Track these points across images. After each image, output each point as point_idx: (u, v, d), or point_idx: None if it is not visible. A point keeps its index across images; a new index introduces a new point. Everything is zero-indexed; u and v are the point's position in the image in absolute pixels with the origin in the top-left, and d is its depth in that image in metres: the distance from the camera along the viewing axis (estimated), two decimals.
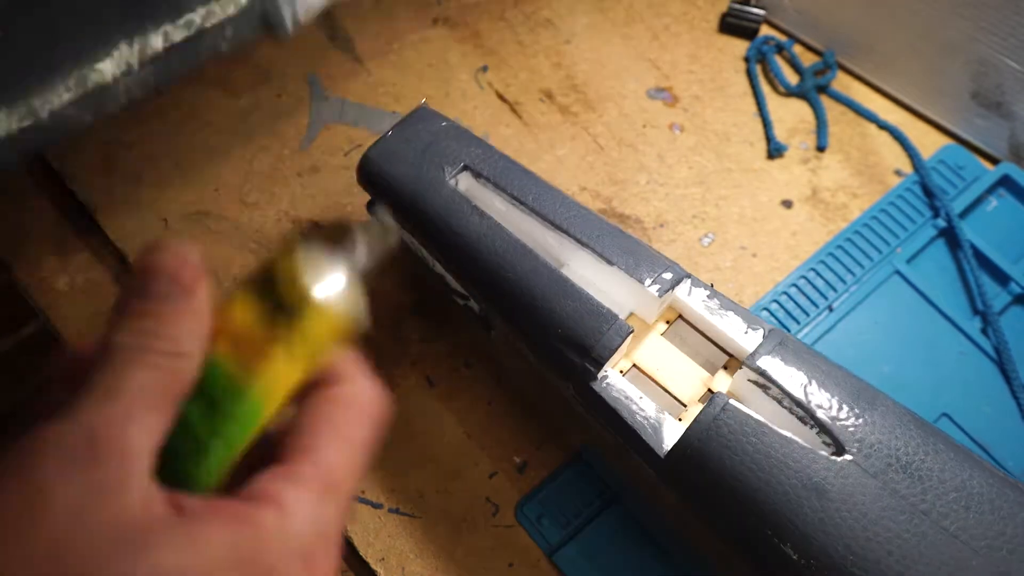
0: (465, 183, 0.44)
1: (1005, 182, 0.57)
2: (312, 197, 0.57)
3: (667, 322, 0.42)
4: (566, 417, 0.44)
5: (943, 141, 0.60)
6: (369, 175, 0.45)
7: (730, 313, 0.40)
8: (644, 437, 0.38)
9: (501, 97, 0.61)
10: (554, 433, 0.49)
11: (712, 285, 0.42)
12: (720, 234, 0.56)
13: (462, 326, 0.52)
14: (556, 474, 0.48)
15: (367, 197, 0.52)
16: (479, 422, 0.50)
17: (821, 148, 0.60)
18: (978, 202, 0.57)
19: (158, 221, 0.56)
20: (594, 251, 0.41)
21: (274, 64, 0.63)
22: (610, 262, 0.40)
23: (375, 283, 0.54)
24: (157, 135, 0.60)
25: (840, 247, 0.55)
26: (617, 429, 0.39)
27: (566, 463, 0.48)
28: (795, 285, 0.53)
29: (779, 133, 0.60)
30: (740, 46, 0.64)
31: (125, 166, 0.58)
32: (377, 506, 0.48)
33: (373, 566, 0.46)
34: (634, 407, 0.38)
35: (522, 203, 0.43)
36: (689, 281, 0.41)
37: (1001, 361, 0.51)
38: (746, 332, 0.40)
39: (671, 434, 0.38)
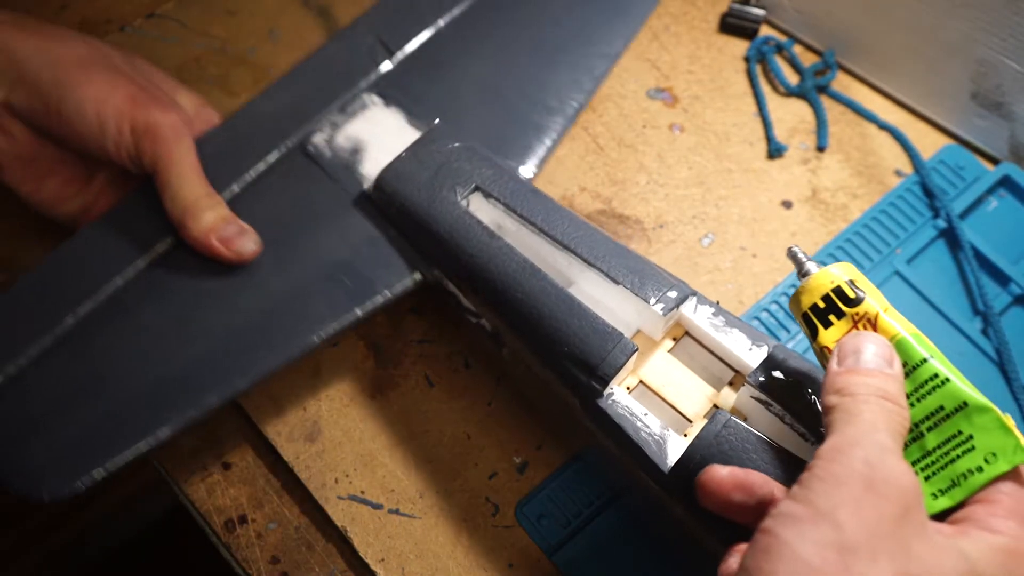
0: (476, 203, 0.45)
1: (1005, 182, 0.57)
2: None
3: (674, 339, 0.43)
4: (566, 419, 0.44)
5: (943, 141, 0.60)
6: (383, 195, 0.46)
7: (735, 330, 0.41)
8: (648, 453, 0.38)
9: None
10: (554, 433, 0.49)
11: (718, 302, 0.42)
12: (720, 234, 0.56)
13: (462, 326, 0.52)
14: (556, 474, 0.48)
15: None
16: (479, 422, 0.50)
17: (821, 148, 0.60)
18: (978, 202, 0.57)
19: None
20: (601, 270, 0.42)
21: (273, 64, 0.63)
22: (616, 281, 0.41)
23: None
24: None
25: (840, 248, 0.55)
26: (622, 445, 0.40)
27: (566, 463, 0.48)
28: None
29: (779, 133, 0.60)
30: (740, 46, 0.64)
31: None
32: (377, 506, 0.48)
33: (373, 566, 0.46)
34: (639, 424, 0.39)
35: (531, 223, 0.44)
36: (695, 299, 0.41)
37: (1002, 362, 0.51)
38: (750, 349, 0.40)
39: (675, 450, 0.38)
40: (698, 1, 0.66)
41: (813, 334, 0.34)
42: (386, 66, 0.51)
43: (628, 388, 0.41)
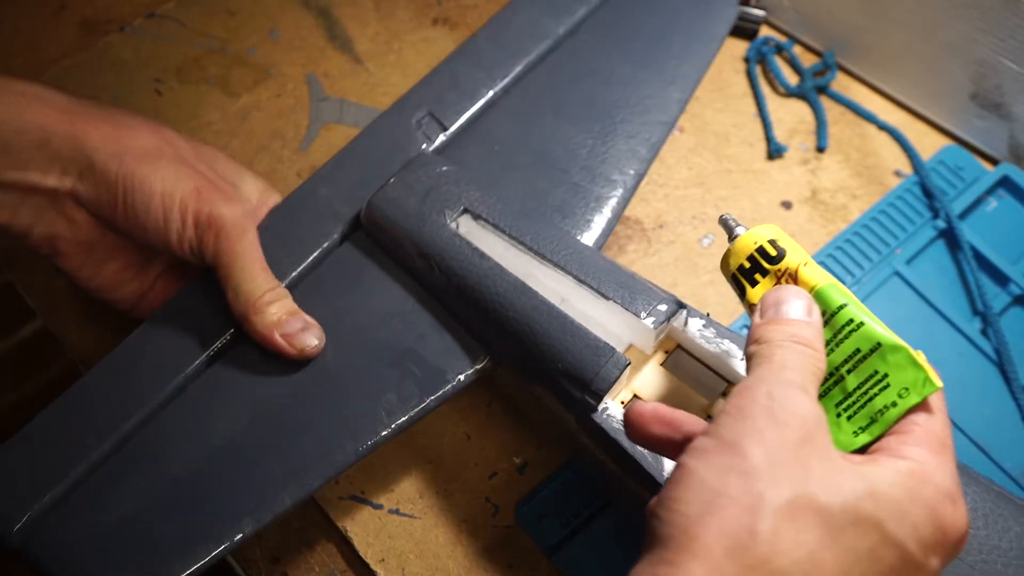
0: (466, 226, 0.45)
1: (1005, 183, 0.57)
2: None
3: (666, 352, 0.43)
4: (562, 431, 0.44)
5: (943, 142, 0.60)
6: (374, 221, 0.46)
7: (725, 341, 0.41)
8: (644, 466, 0.38)
9: None
10: (553, 434, 0.49)
11: (708, 314, 0.42)
12: (720, 235, 0.56)
13: None
14: (556, 475, 0.48)
15: None
16: (479, 423, 0.50)
17: (821, 149, 0.60)
18: (978, 203, 0.57)
19: None
20: (591, 287, 0.42)
21: (274, 64, 0.63)
22: (606, 297, 0.41)
23: None
24: None
25: (839, 248, 0.55)
26: (618, 459, 0.40)
27: (565, 464, 0.48)
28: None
29: (779, 134, 0.60)
30: (740, 47, 0.64)
31: None
32: (377, 506, 0.48)
33: (373, 566, 0.46)
34: None
35: (521, 243, 0.44)
36: (685, 312, 0.41)
37: (1001, 362, 0.51)
38: (741, 359, 0.40)
39: (670, 462, 0.38)
40: None
41: (742, 293, 0.35)
42: (440, 140, 0.50)
43: (622, 402, 0.42)
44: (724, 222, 0.37)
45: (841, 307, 0.32)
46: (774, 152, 0.59)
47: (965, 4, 0.53)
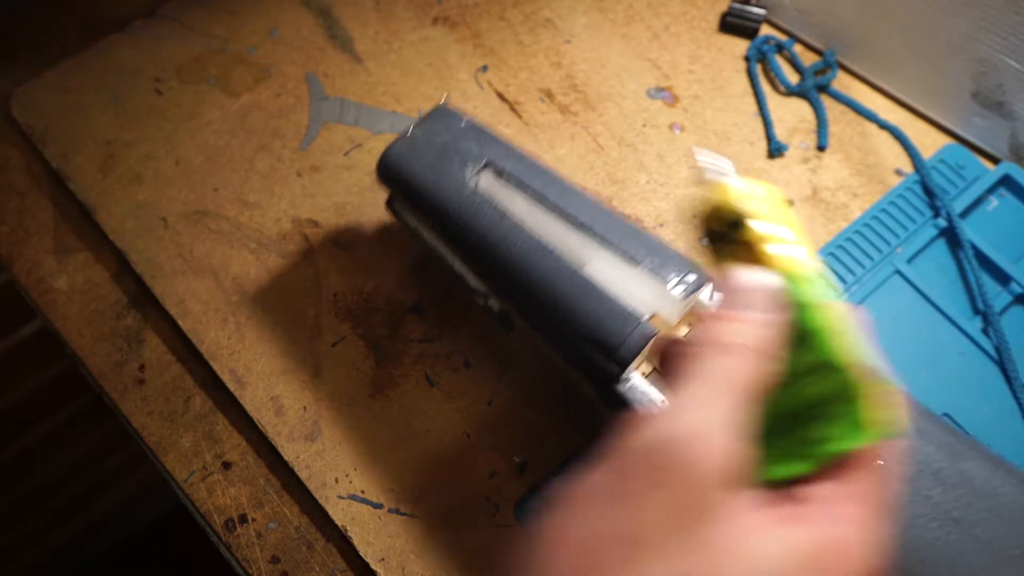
0: (486, 182, 0.43)
1: (1006, 182, 0.57)
2: (312, 197, 0.57)
3: (689, 325, 0.41)
4: (567, 414, 0.44)
5: (944, 141, 0.60)
6: (388, 172, 0.44)
7: None
8: None
9: (501, 97, 0.61)
10: (554, 432, 0.49)
11: None
12: None
13: (462, 326, 0.52)
14: (556, 474, 0.48)
15: (368, 196, 0.52)
16: (479, 422, 0.50)
17: (821, 148, 0.60)
18: (979, 202, 0.57)
19: (158, 221, 0.56)
20: (619, 250, 0.40)
21: (274, 63, 0.63)
22: (636, 262, 0.39)
23: (377, 282, 0.54)
24: (157, 135, 0.60)
25: (840, 247, 0.55)
26: None
27: (566, 463, 0.48)
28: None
29: (779, 133, 0.60)
30: (740, 46, 0.64)
31: (125, 166, 0.58)
32: (377, 506, 0.48)
33: (373, 566, 0.46)
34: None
35: (544, 202, 0.42)
36: (711, 285, 0.41)
37: (1002, 361, 0.51)
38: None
39: None
40: (698, 1, 0.66)
41: (713, 253, 0.31)
42: None
43: (644, 374, 0.40)
44: (702, 168, 0.31)
45: (809, 310, 0.27)
46: (775, 151, 0.59)
47: (966, 3, 0.53)
